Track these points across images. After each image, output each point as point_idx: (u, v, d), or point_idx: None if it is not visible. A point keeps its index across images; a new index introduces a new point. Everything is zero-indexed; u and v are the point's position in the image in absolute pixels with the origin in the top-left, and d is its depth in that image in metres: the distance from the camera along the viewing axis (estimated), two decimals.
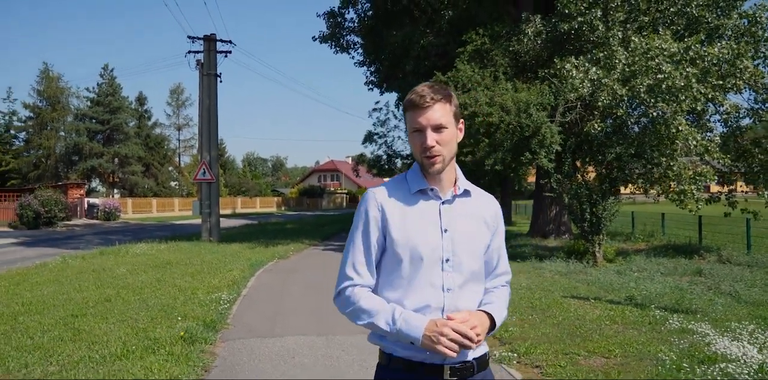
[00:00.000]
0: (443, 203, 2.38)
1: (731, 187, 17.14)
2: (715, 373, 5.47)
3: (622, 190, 18.13)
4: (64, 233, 31.81)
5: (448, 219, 2.36)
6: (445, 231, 2.34)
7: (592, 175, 17.66)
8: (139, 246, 19.36)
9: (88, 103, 64.39)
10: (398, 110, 27.05)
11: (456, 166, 2.47)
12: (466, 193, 2.45)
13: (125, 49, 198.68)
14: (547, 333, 7.43)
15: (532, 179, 28.99)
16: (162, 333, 7.55)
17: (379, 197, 2.42)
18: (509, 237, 23.20)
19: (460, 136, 2.43)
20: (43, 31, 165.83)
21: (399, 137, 28.68)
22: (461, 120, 2.45)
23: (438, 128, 2.29)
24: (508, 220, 36.15)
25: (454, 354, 2.14)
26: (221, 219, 25.80)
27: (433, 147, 2.28)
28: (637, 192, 17.41)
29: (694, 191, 14.60)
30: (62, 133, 61.81)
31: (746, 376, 5.32)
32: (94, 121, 62.98)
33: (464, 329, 2.14)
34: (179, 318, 8.41)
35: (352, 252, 2.41)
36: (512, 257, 16.18)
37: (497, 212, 2.53)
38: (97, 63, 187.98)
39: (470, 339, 2.15)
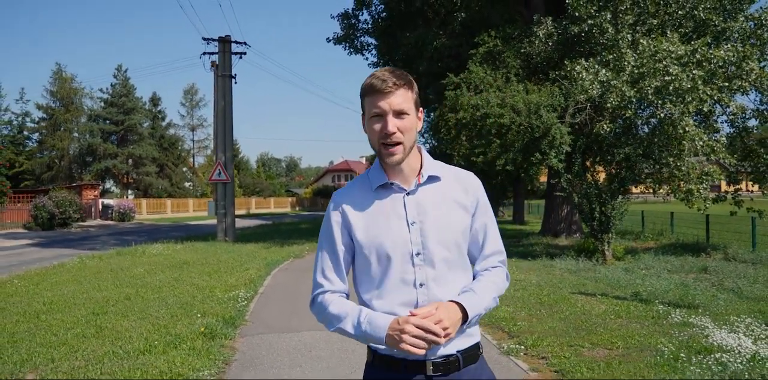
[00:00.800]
0: (408, 194, 2.31)
1: (737, 187, 17.31)
2: (710, 362, 5.74)
3: (633, 189, 18.33)
4: (78, 234, 32.19)
5: (414, 210, 2.29)
6: (413, 223, 2.28)
7: (602, 175, 17.90)
8: (155, 246, 19.68)
9: (102, 104, 64.76)
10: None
11: (422, 152, 2.41)
12: (433, 179, 2.35)
13: (138, 51, 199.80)
14: (553, 327, 7.72)
15: (544, 179, 29.23)
16: (183, 329, 7.86)
17: (339, 200, 2.40)
18: (521, 236, 23.50)
19: (420, 124, 2.35)
20: (56, 32, 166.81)
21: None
22: (420, 108, 2.38)
23: (399, 114, 2.23)
24: (520, 220, 36.37)
25: (421, 352, 2.08)
26: (236, 219, 26.13)
27: (394, 133, 2.22)
28: (647, 192, 17.62)
29: (701, 190, 14.87)
30: (76, 134, 62.12)
31: (739, 365, 5.59)
32: (107, 121, 63.38)
33: (427, 324, 2.08)
34: (199, 315, 8.72)
35: (320, 259, 2.41)
36: (523, 255, 16.51)
37: (475, 190, 2.42)
38: (109, 65, 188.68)
39: (435, 334, 2.08)
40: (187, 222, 44.00)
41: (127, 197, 62.52)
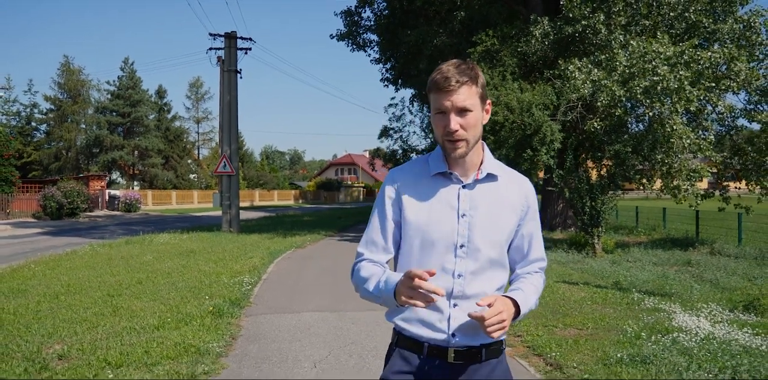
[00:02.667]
0: (463, 187, 2.35)
1: (726, 184, 17.92)
2: (667, 341, 6.38)
3: (631, 186, 18.86)
4: (86, 224, 32.88)
5: (467, 204, 2.33)
6: (463, 216, 2.31)
7: (595, 171, 18.50)
8: (162, 236, 20.30)
9: (109, 96, 65.35)
10: (413, 106, 27.77)
11: (484, 147, 2.44)
12: (491, 177, 2.39)
13: (146, 46, 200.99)
14: (532, 311, 8.35)
15: (542, 175, 29.82)
16: (192, 309, 8.53)
17: (396, 176, 2.45)
18: None
19: (486, 117, 2.37)
20: (64, 25, 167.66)
21: (414, 132, 29.50)
22: (488, 100, 2.38)
23: (462, 111, 2.23)
24: None
25: (420, 304, 2.07)
26: (240, 211, 26.76)
27: (457, 131, 2.23)
28: (639, 188, 18.19)
29: (688, 187, 15.50)
30: (83, 126, 62.67)
31: (693, 343, 6.23)
32: (114, 113, 64.02)
33: (425, 285, 2.04)
34: (207, 297, 9.39)
35: (367, 232, 2.47)
36: None
37: (528, 195, 2.46)
38: (116, 59, 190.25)
39: (501, 321, 2.12)
40: (192, 214, 44.62)
41: (132, 188, 63.19)
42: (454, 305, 2.29)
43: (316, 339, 7.19)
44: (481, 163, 2.38)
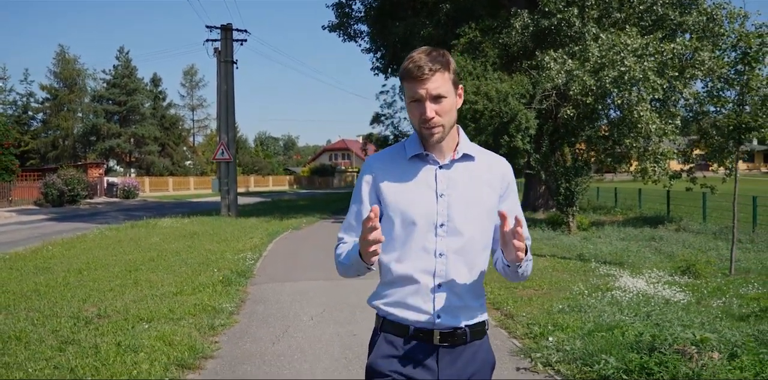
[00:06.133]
0: (440, 168, 2.35)
1: (692, 165, 19.10)
2: (605, 297, 7.64)
3: (621, 169, 19.98)
4: (87, 210, 34.06)
5: (445, 183, 2.33)
6: (441, 195, 2.31)
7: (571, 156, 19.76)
8: (165, 220, 21.50)
9: (105, 85, 66.04)
10: (404, 94, 28.86)
11: (459, 130, 2.43)
12: (467, 157, 2.39)
13: (141, 37, 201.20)
14: (500, 277, 9.55)
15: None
16: (204, 279, 9.80)
17: (373, 163, 2.46)
18: None
19: (460, 101, 2.37)
20: (59, 15, 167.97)
21: (405, 118, 30.53)
22: (460, 85, 2.38)
23: (437, 98, 2.24)
24: None
25: (374, 247, 2.09)
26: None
27: (433, 118, 2.24)
28: (614, 171, 19.39)
29: (656, 168, 16.76)
30: (80, 114, 63.45)
31: (625, 298, 7.49)
32: (110, 102, 64.77)
33: (373, 235, 2.06)
34: (215, 270, 10.63)
35: (347, 217, 2.50)
36: None
37: (505, 174, 2.45)
38: (110, 51, 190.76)
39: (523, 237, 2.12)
40: (189, 200, 45.82)
41: (129, 175, 64.12)
42: (438, 285, 2.29)
43: (313, 300, 8.47)
44: (457, 145, 2.39)
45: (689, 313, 6.52)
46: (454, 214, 2.30)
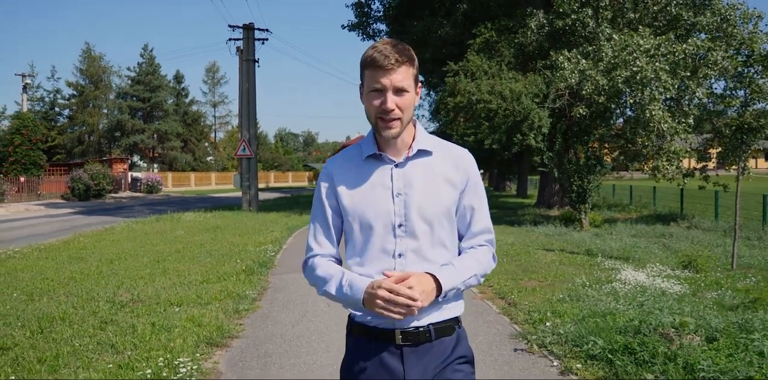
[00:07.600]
0: (396, 166, 2.31)
1: (704, 164, 19.42)
2: (605, 288, 8.11)
3: (640, 166, 20.29)
4: (113, 204, 34.98)
5: (401, 182, 2.29)
6: (398, 195, 2.28)
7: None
8: (188, 214, 22.14)
9: (129, 82, 67.23)
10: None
11: (416, 125, 2.39)
12: (423, 153, 2.34)
13: (165, 36, 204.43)
14: (508, 269, 10.14)
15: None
16: (228, 269, 10.39)
17: (329, 167, 2.43)
18: (519, 207, 25.80)
19: (417, 99, 2.32)
20: (85, 14, 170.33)
21: (423, 116, 31.12)
22: (419, 83, 2.35)
23: (399, 91, 2.21)
24: (524, 193, 38.62)
25: (398, 317, 2.09)
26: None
27: (393, 110, 2.20)
28: (633, 169, 19.72)
29: (668, 166, 17.15)
30: (105, 110, 64.69)
31: (624, 289, 7.96)
32: (135, 98, 66.10)
33: (397, 287, 2.07)
34: (238, 261, 11.21)
35: (312, 224, 2.44)
36: (511, 223, 18.83)
37: (467, 168, 2.39)
38: (134, 49, 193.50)
39: (409, 298, 2.06)
40: (211, 195, 46.71)
41: (152, 171, 65.13)
42: None
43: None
44: (413, 141, 2.34)
45: (681, 303, 6.97)
46: (411, 214, 2.27)
